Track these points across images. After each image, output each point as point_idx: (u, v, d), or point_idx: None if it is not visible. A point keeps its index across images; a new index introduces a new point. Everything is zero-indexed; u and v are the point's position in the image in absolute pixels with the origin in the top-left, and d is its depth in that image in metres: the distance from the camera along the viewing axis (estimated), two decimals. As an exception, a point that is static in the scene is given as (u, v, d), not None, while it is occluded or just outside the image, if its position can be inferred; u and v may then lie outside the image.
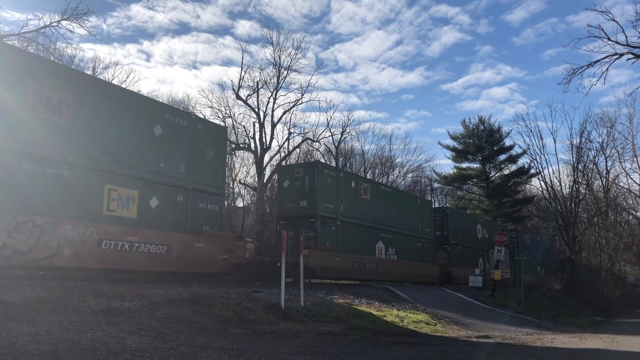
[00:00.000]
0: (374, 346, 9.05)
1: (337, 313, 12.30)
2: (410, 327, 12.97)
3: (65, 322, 6.95)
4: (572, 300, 34.17)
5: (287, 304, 11.42)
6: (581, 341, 12.91)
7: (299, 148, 45.04)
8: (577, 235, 44.42)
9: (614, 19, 23.42)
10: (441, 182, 57.74)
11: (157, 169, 14.26)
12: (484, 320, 16.67)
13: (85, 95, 12.64)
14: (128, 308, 8.46)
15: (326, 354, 7.47)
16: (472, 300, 21.76)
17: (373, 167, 54.50)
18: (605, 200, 47.17)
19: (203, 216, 15.36)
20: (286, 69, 42.15)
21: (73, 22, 25.60)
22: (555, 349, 10.88)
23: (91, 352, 5.65)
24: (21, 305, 7.48)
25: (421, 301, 18.11)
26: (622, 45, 23.18)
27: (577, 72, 23.80)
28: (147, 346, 6.34)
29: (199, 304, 9.84)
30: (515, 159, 52.26)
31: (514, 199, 52.34)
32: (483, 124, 54.02)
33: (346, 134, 48.50)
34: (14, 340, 5.71)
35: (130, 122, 13.74)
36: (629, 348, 11.44)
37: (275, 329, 9.45)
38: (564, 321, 21.90)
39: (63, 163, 11.88)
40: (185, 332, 7.77)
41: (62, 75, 12.41)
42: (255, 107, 42.05)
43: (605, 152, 46.37)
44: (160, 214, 14.04)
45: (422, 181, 61.25)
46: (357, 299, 15.84)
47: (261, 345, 7.60)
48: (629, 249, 42.65)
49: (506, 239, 25.96)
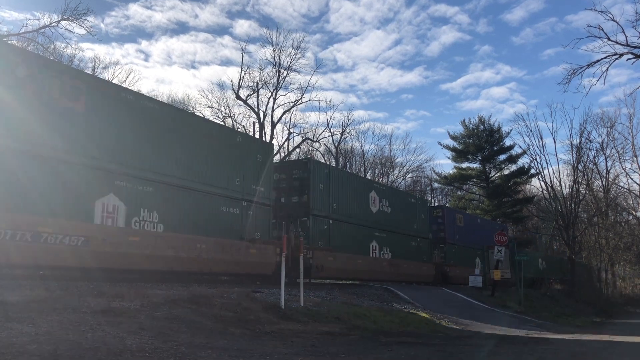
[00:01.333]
0: (374, 346, 9.05)
1: (337, 313, 12.30)
2: (411, 327, 12.97)
3: (65, 322, 6.95)
4: (572, 300, 34.20)
5: (287, 304, 11.42)
6: (581, 341, 12.92)
7: (298, 148, 45.17)
8: (577, 235, 44.47)
9: (613, 19, 23.46)
10: (441, 182, 57.82)
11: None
12: (484, 320, 16.68)
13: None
14: (128, 308, 8.45)
15: (326, 354, 7.47)
16: (472, 300, 21.77)
17: (373, 167, 54.57)
18: (605, 200, 47.24)
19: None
20: (286, 69, 42.26)
21: (73, 22, 25.62)
22: (555, 349, 10.88)
23: (91, 352, 5.65)
24: (21, 305, 7.47)
25: (421, 301, 18.12)
26: (622, 45, 23.21)
27: (577, 72, 23.86)
28: (147, 346, 6.34)
29: (199, 304, 9.84)
30: (515, 159, 52.33)
31: (514, 199, 52.37)
32: (483, 124, 54.07)
33: (346, 134, 48.63)
34: (14, 340, 5.71)
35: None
36: (629, 349, 11.44)
37: (275, 329, 9.45)
38: (564, 321, 21.90)
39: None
40: (185, 332, 7.77)
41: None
42: (255, 107, 42.15)
43: (605, 152, 46.50)
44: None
45: (422, 181, 61.39)
46: (357, 298, 15.85)
47: (261, 345, 7.60)
48: (629, 249, 42.71)
49: (506, 239, 25.92)
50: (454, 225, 30.95)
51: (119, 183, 12.19)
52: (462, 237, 31.54)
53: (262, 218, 16.68)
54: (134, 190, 12.55)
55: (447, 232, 29.72)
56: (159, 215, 13.06)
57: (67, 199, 11.05)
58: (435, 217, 29.65)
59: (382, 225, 23.38)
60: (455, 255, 30.36)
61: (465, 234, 31.87)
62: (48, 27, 25.88)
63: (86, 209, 11.46)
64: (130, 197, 12.42)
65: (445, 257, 29.15)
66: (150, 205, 12.88)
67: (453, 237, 30.57)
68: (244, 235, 15.67)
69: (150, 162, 13.02)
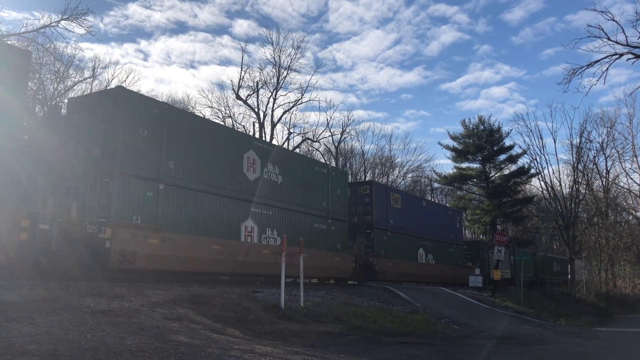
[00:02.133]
0: (374, 346, 9.05)
1: (337, 313, 12.30)
2: (411, 327, 12.97)
3: (65, 322, 6.95)
4: (572, 300, 34.19)
5: (287, 304, 11.42)
6: (581, 341, 12.92)
7: (299, 148, 45.11)
8: (577, 235, 44.45)
9: (613, 19, 23.44)
10: (441, 182, 57.80)
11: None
12: (483, 320, 16.67)
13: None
14: (128, 308, 8.45)
15: (326, 354, 7.47)
16: (472, 300, 21.76)
17: (373, 167, 54.56)
18: (605, 200, 47.22)
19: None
20: (286, 69, 42.21)
21: (73, 21, 25.61)
22: (555, 349, 10.87)
23: (91, 352, 5.64)
24: (21, 305, 7.47)
25: (421, 301, 18.12)
26: (622, 45, 23.19)
27: (577, 72, 23.83)
28: (147, 346, 6.33)
29: (199, 304, 9.83)
30: (515, 159, 52.30)
31: (514, 199, 52.35)
32: (483, 124, 54.06)
33: (346, 134, 48.57)
34: (13, 340, 5.70)
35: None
36: (629, 349, 11.44)
37: (275, 329, 9.45)
38: (564, 321, 21.89)
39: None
40: (185, 332, 7.76)
41: None
42: (255, 107, 42.11)
43: (605, 152, 46.46)
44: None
45: (422, 181, 61.42)
46: (357, 298, 15.85)
47: (261, 345, 7.60)
48: (629, 249, 42.67)
49: (506, 239, 25.90)
50: (387, 206, 24.72)
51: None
52: (400, 223, 25.36)
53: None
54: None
55: (376, 214, 23.63)
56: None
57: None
58: (361, 196, 23.93)
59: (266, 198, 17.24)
60: (388, 245, 24.06)
61: (403, 219, 25.75)
62: (48, 27, 25.89)
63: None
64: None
65: (373, 247, 22.98)
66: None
67: (385, 222, 24.32)
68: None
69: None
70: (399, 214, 25.57)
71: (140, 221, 12.96)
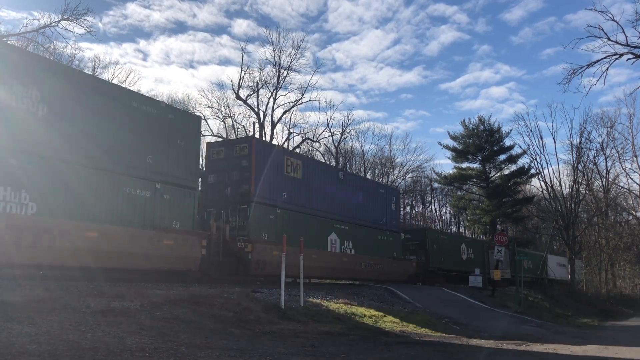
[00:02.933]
0: (374, 346, 9.05)
1: (337, 313, 12.31)
2: (411, 327, 12.97)
3: (65, 322, 6.95)
4: (572, 300, 34.19)
5: (287, 304, 11.42)
6: (582, 341, 12.91)
7: (298, 148, 45.10)
8: (577, 235, 44.48)
9: (613, 19, 23.44)
10: (441, 182, 57.79)
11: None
12: (483, 320, 16.68)
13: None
14: (128, 308, 8.45)
15: (326, 354, 7.47)
16: (472, 300, 21.77)
17: (373, 167, 54.55)
18: (605, 200, 47.26)
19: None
20: (286, 69, 42.19)
21: (72, 21, 25.61)
22: (556, 349, 10.87)
23: (91, 352, 5.65)
24: (21, 305, 7.47)
25: (421, 301, 18.12)
26: (622, 45, 23.19)
27: (576, 72, 23.82)
28: (147, 346, 6.33)
29: (199, 304, 9.84)
30: (515, 159, 52.28)
31: (514, 199, 52.33)
32: (483, 124, 54.04)
33: (346, 134, 48.52)
34: (14, 340, 5.70)
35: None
36: (630, 353, 11.43)
37: (275, 329, 9.45)
38: (563, 321, 21.91)
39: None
40: (185, 332, 7.76)
41: None
42: (255, 107, 42.10)
43: (605, 152, 46.54)
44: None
45: (422, 181, 61.42)
46: (357, 298, 15.85)
47: (261, 345, 7.60)
48: (629, 249, 42.73)
49: (506, 239, 25.93)
50: (277, 174, 18.11)
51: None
52: (297, 198, 18.83)
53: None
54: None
55: (257, 183, 16.82)
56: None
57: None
58: (237, 158, 17.31)
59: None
60: (276, 227, 17.33)
61: (305, 193, 19.39)
62: (48, 27, 25.90)
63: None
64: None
65: (249, 229, 16.30)
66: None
67: (273, 195, 17.63)
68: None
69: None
70: (297, 185, 18.99)
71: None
